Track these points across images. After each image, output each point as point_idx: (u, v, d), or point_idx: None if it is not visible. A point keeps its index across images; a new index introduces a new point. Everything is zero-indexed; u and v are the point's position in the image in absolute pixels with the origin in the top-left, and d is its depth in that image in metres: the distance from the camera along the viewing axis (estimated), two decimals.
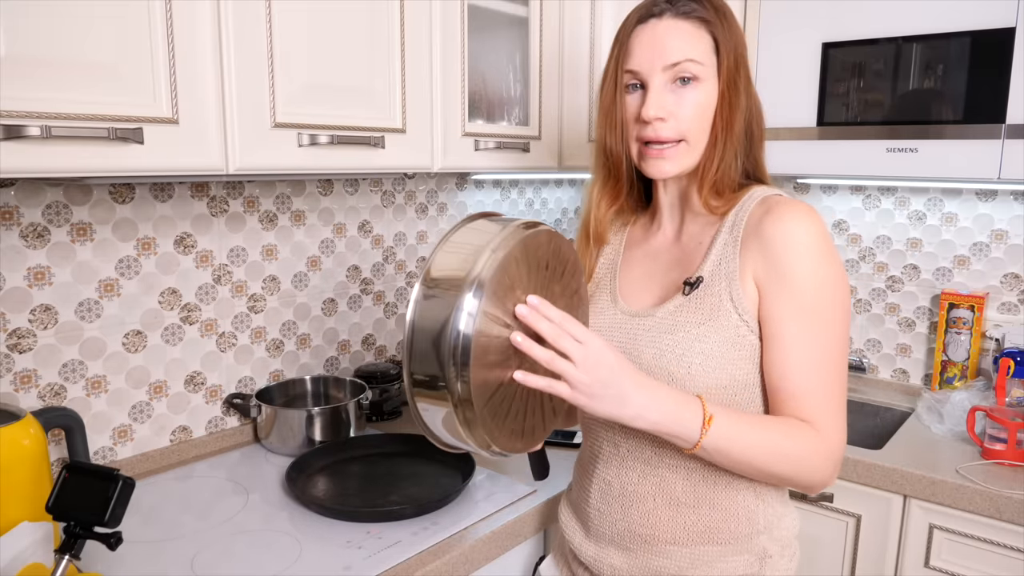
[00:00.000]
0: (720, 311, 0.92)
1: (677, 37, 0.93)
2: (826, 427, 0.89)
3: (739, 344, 0.92)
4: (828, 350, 0.90)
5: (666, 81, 0.93)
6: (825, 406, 0.90)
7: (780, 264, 0.89)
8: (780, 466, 0.90)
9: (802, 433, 0.89)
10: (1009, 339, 1.81)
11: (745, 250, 0.92)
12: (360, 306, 1.83)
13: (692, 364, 0.91)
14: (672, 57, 0.92)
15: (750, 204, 0.95)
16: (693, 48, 0.92)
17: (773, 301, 0.90)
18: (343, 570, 1.10)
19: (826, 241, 0.90)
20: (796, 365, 0.89)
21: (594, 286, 1.09)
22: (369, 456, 1.51)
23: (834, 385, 0.90)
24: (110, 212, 1.37)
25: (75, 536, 0.85)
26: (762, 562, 0.98)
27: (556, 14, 1.73)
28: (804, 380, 0.90)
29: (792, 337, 0.89)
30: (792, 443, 0.89)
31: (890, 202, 2.00)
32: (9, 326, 1.27)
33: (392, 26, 1.36)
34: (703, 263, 0.96)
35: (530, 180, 2.29)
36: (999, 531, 1.41)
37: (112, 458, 1.42)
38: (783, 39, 1.73)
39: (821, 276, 0.89)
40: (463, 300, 0.76)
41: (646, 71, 0.94)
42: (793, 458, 0.89)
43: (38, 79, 0.95)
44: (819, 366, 0.89)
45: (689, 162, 0.96)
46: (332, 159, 1.29)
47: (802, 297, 0.89)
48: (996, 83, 1.49)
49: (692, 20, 0.93)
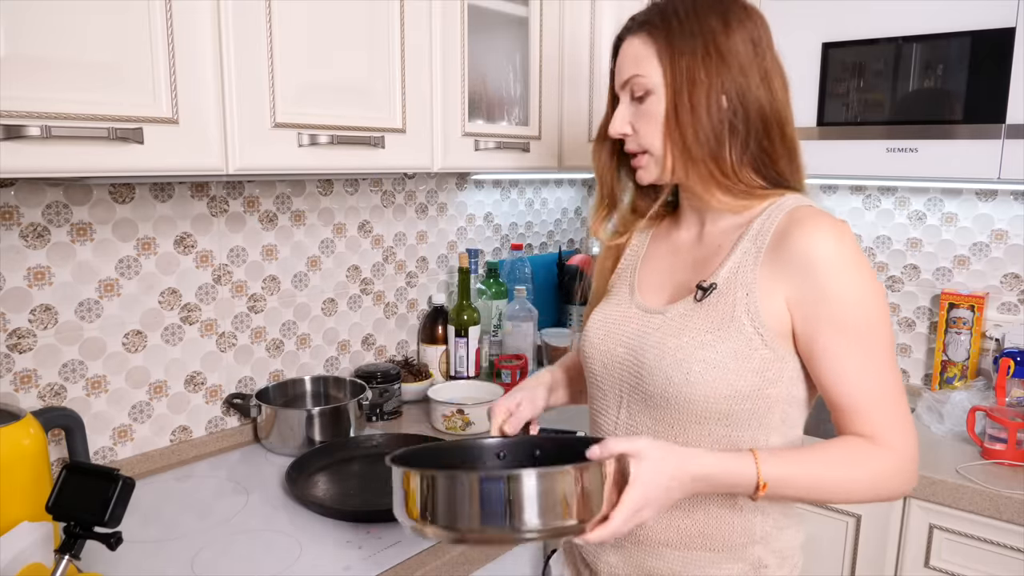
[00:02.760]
0: (732, 321, 0.90)
1: (628, 54, 0.96)
2: (895, 438, 0.88)
3: (747, 356, 0.90)
4: (881, 361, 0.89)
5: (628, 98, 0.97)
6: (892, 416, 0.89)
7: (818, 286, 0.87)
8: (855, 495, 0.90)
9: (868, 456, 0.88)
10: (1009, 339, 1.81)
11: (769, 263, 0.90)
12: (360, 306, 1.83)
13: (691, 371, 0.90)
14: (623, 75, 0.97)
15: (778, 215, 0.93)
16: (638, 64, 0.94)
17: (816, 323, 0.88)
18: (343, 570, 1.10)
19: (858, 254, 0.89)
20: (854, 381, 0.88)
21: (616, 277, 1.10)
22: (369, 456, 1.51)
23: (894, 393, 0.89)
24: (110, 212, 1.37)
25: (75, 536, 0.85)
26: (757, 571, 0.97)
27: (556, 14, 1.73)
28: (864, 395, 0.88)
29: (843, 355, 0.88)
30: (861, 471, 0.88)
31: (890, 202, 2.00)
32: (9, 326, 1.27)
33: (392, 26, 1.36)
34: (719, 269, 0.94)
35: (530, 180, 2.29)
36: (999, 531, 1.41)
37: (112, 458, 1.42)
38: (783, 39, 1.71)
39: (861, 291, 0.88)
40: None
41: (617, 90, 0.99)
42: (866, 484, 0.89)
43: (38, 79, 0.95)
44: (876, 378, 0.88)
45: (657, 171, 0.98)
46: (332, 159, 1.29)
47: (846, 316, 0.87)
48: (996, 83, 1.49)
49: (640, 34, 0.95)
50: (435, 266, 2.01)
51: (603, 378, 1.03)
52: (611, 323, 1.03)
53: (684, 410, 0.92)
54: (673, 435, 0.94)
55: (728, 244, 0.97)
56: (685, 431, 0.93)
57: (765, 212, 0.95)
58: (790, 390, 0.93)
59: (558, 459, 0.93)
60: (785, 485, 0.86)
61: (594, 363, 1.04)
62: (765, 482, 0.84)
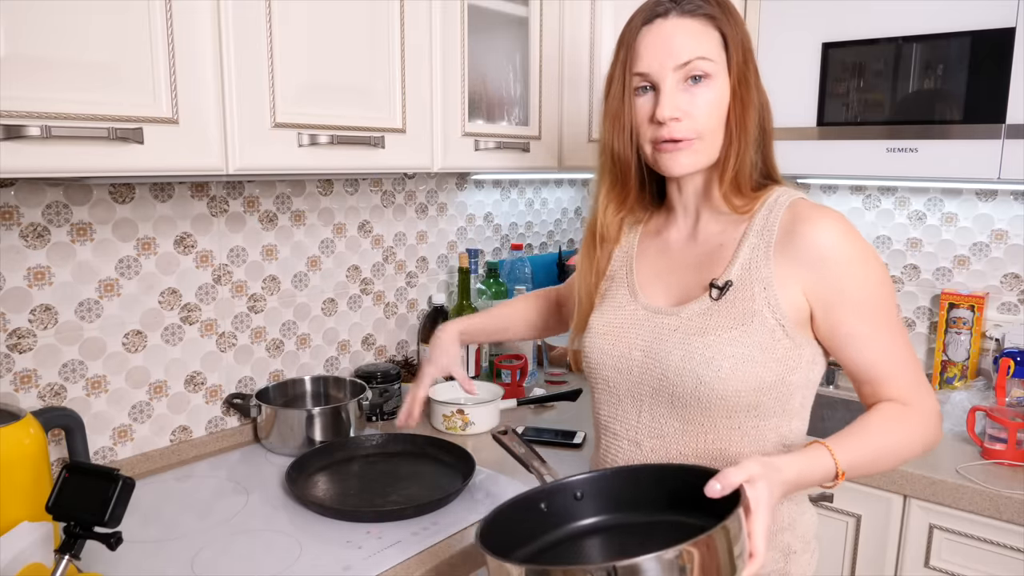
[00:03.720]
0: (755, 315, 0.92)
1: (685, 35, 0.92)
2: (921, 397, 0.95)
3: (771, 347, 0.92)
4: (895, 331, 0.95)
5: (678, 80, 0.93)
6: (915, 379, 0.96)
7: (835, 280, 0.92)
8: (904, 455, 0.95)
9: (906, 417, 0.94)
10: (1009, 339, 1.81)
11: (781, 257, 0.93)
12: (360, 306, 1.83)
13: (722, 367, 0.91)
14: (682, 56, 0.92)
15: (779, 210, 0.95)
16: (702, 46, 0.92)
17: (838, 312, 0.93)
18: (343, 570, 1.10)
19: (861, 241, 0.94)
20: (878, 357, 0.94)
21: (609, 280, 1.08)
22: (369, 456, 1.51)
23: (912, 359, 0.96)
24: (110, 212, 1.37)
25: (75, 536, 0.85)
26: (787, 558, 0.98)
27: (556, 14, 1.73)
28: (890, 365, 0.95)
29: (868, 335, 0.94)
30: (906, 432, 0.94)
31: (890, 202, 2.00)
32: (9, 326, 1.27)
33: (392, 26, 1.36)
34: (730, 266, 0.95)
35: (530, 180, 2.29)
36: (999, 531, 1.41)
37: (112, 458, 1.42)
38: (783, 39, 1.73)
39: (874, 277, 0.93)
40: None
41: (656, 72, 0.94)
42: (913, 442, 0.94)
43: (38, 79, 0.95)
44: (897, 349, 0.95)
45: (705, 159, 0.96)
46: (332, 159, 1.29)
47: (864, 301, 0.93)
48: (996, 83, 1.49)
49: (698, 17, 0.93)
50: (435, 266, 2.01)
51: (617, 384, 1.02)
52: (618, 327, 1.02)
53: (714, 406, 0.93)
54: (703, 432, 0.95)
55: (731, 242, 0.97)
56: (715, 426, 0.95)
57: (765, 207, 0.96)
58: (807, 375, 0.96)
59: (636, 491, 0.88)
60: (855, 467, 0.90)
61: (605, 370, 1.03)
62: (843, 471, 0.87)
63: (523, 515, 0.87)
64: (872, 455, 0.91)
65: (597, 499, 0.89)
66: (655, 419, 0.98)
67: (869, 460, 0.91)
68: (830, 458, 0.87)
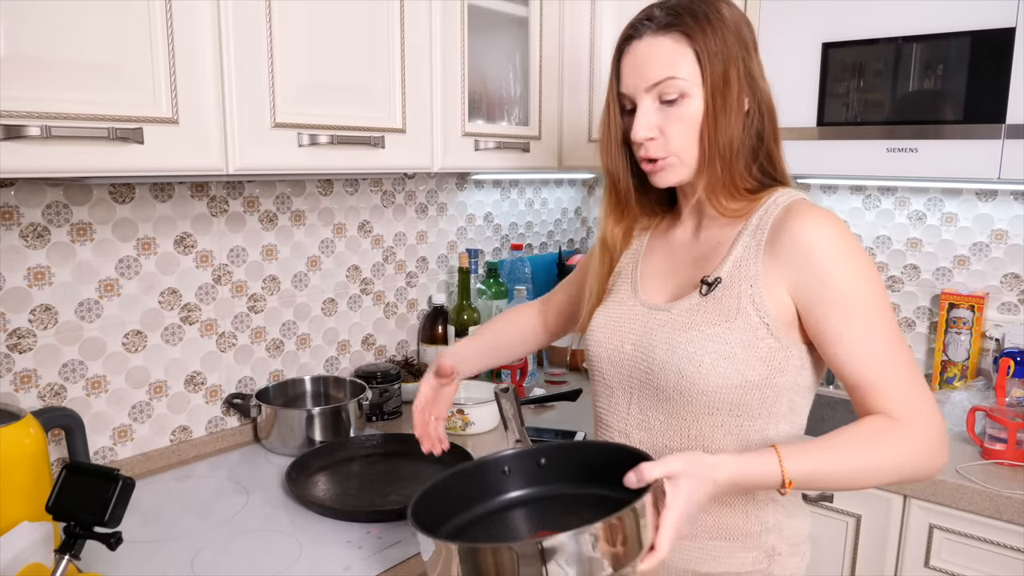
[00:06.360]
0: (739, 312, 0.92)
1: (656, 55, 0.93)
2: (916, 414, 0.89)
3: (755, 345, 0.92)
4: (889, 337, 0.90)
5: (653, 100, 0.94)
6: (910, 393, 0.89)
7: (817, 273, 0.89)
8: (884, 478, 0.90)
9: (890, 434, 0.88)
10: (1009, 339, 1.80)
11: (769, 255, 0.93)
12: (360, 306, 1.83)
13: (703, 363, 0.92)
14: (652, 77, 0.93)
15: (775, 210, 0.95)
16: (672, 66, 0.92)
17: (821, 308, 0.90)
18: (343, 570, 1.10)
19: (851, 239, 0.91)
20: (865, 358, 0.90)
21: (616, 277, 1.10)
22: (369, 456, 1.51)
23: (909, 372, 0.90)
24: (110, 212, 1.37)
25: (75, 536, 0.85)
26: (770, 559, 0.98)
27: (556, 14, 1.73)
28: (878, 370, 0.90)
29: (855, 337, 0.90)
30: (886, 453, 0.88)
31: (890, 202, 2.00)
32: (9, 326, 1.27)
33: (392, 26, 1.36)
34: (722, 264, 0.96)
35: (530, 180, 2.29)
36: (999, 531, 1.41)
37: (112, 458, 1.42)
38: (783, 39, 1.73)
39: (860, 275, 0.90)
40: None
41: (632, 93, 0.96)
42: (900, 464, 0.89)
43: (38, 79, 0.95)
44: (887, 354, 0.90)
45: (687, 172, 0.97)
46: (332, 159, 1.29)
47: (850, 300, 0.89)
48: (996, 83, 1.49)
49: (671, 34, 0.92)
50: (435, 266, 2.01)
51: (611, 376, 1.04)
52: (616, 322, 1.04)
53: (696, 402, 0.94)
54: (686, 427, 0.96)
55: (727, 240, 0.98)
56: (698, 423, 0.95)
57: (763, 207, 0.97)
58: (796, 379, 0.95)
59: (564, 466, 0.92)
60: (810, 479, 0.86)
61: (601, 362, 1.05)
62: (791, 480, 0.84)
63: (453, 491, 0.92)
64: (832, 469, 0.87)
65: (523, 474, 0.95)
66: (643, 412, 1.00)
67: (827, 474, 0.87)
68: (777, 464, 0.84)
